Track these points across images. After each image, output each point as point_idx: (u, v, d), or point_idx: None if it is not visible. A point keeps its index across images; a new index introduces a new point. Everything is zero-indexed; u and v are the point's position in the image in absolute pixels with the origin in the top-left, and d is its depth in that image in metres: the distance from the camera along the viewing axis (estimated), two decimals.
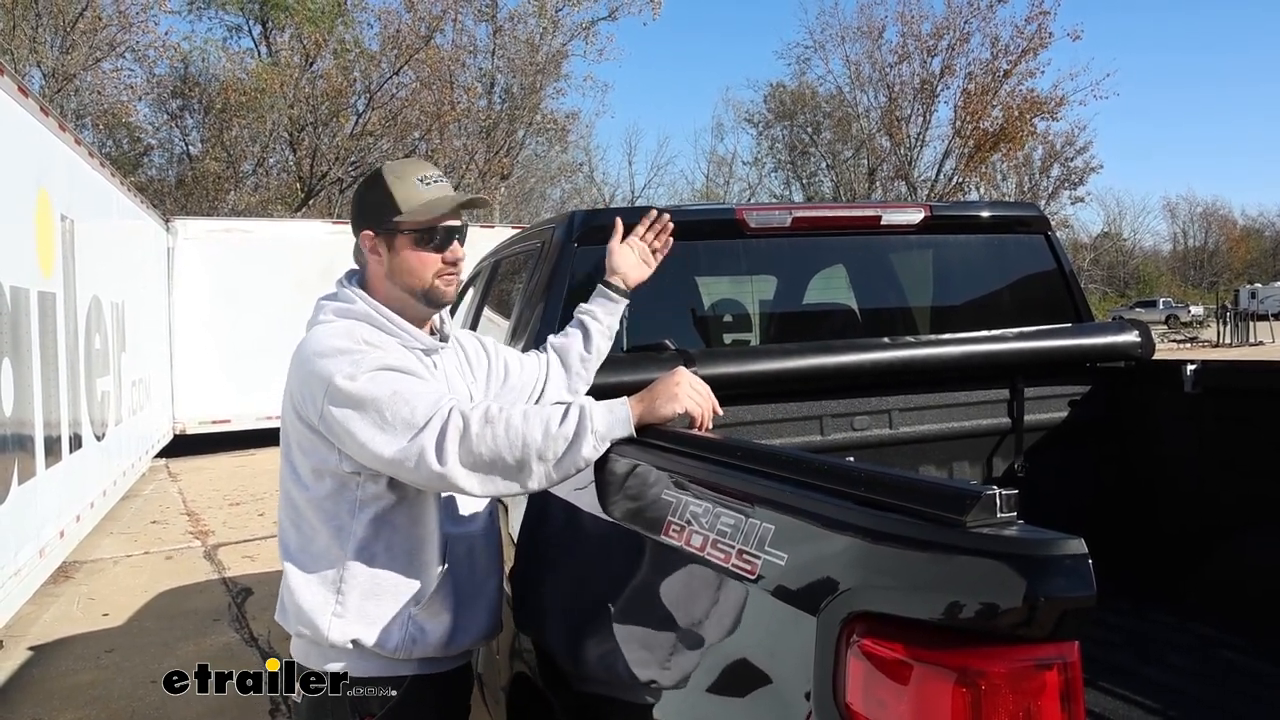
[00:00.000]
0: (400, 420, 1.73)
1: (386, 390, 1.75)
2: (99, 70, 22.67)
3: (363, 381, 1.76)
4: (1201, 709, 2.31)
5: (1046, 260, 3.37)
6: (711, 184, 42.58)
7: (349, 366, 1.77)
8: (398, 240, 1.95)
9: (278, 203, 24.00)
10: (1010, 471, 3.20)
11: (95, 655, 5.20)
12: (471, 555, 1.99)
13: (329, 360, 1.80)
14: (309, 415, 1.82)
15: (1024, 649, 1.05)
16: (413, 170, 1.98)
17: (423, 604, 1.90)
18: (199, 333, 12.46)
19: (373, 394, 1.75)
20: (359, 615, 1.87)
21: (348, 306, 1.94)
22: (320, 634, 1.87)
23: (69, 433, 6.41)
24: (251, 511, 9.11)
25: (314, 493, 1.87)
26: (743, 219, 2.99)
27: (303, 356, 1.85)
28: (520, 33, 27.92)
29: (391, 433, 1.73)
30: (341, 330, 1.87)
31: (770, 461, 1.46)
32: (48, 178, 6.11)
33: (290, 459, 1.92)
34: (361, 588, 1.87)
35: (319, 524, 1.88)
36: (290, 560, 1.93)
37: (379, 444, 1.74)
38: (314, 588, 1.88)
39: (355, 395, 1.75)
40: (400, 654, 1.89)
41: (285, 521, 1.95)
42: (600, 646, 1.78)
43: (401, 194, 1.93)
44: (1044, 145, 34.27)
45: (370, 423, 1.74)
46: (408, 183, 1.95)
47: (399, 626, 1.88)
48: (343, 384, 1.76)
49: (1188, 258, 70.48)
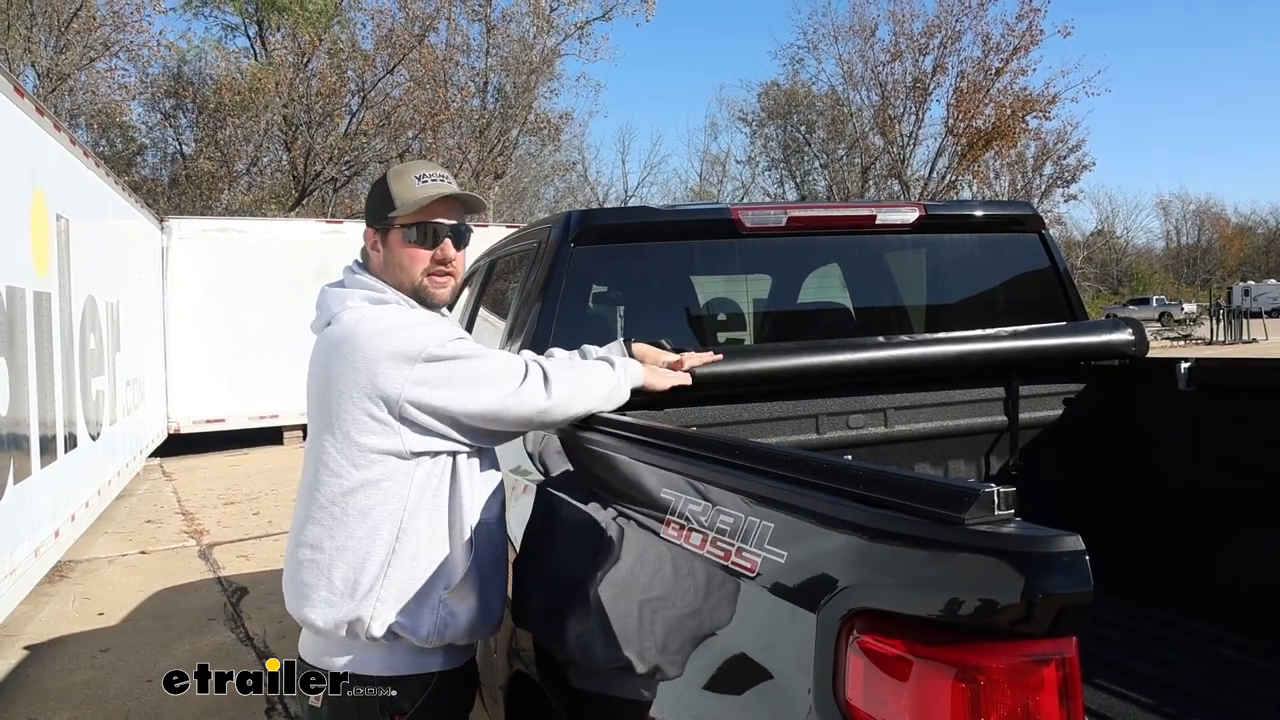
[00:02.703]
0: (501, 370, 1.93)
1: (476, 349, 1.95)
2: (93, 70, 22.59)
3: (456, 345, 1.90)
4: (1198, 705, 2.32)
5: (1040, 259, 3.39)
6: (705, 183, 42.59)
7: (438, 335, 1.89)
8: (391, 236, 2.01)
9: (272, 202, 23.93)
10: (1005, 469, 3.22)
11: (91, 654, 5.20)
12: (491, 540, 2.04)
13: (411, 333, 1.88)
14: (385, 391, 1.85)
15: (1022, 645, 1.06)
16: (413, 169, 2.02)
17: (452, 587, 1.93)
18: (193, 332, 12.43)
19: (471, 352, 1.93)
20: (396, 605, 1.89)
21: (379, 295, 2.00)
22: (363, 626, 1.87)
23: (64, 432, 6.39)
24: (246, 510, 9.09)
25: (354, 480, 1.88)
26: (738, 218, 3.00)
27: (362, 342, 1.87)
28: (514, 32, 27.90)
29: (498, 382, 1.91)
30: (403, 313, 1.97)
31: (769, 460, 1.46)
32: (43, 177, 6.09)
33: (322, 453, 1.90)
34: (403, 574, 1.90)
35: (359, 516, 1.88)
36: (322, 558, 1.90)
37: (493, 390, 1.90)
38: (352, 582, 1.87)
39: (456, 355, 1.89)
40: (432, 640, 1.92)
41: (320, 520, 1.91)
42: (598, 644, 1.78)
43: (397, 190, 1.98)
44: (1036, 143, 34.30)
45: (477, 377, 1.89)
46: (405, 180, 2.00)
47: (430, 611, 1.91)
48: (439, 350, 1.87)
49: (1181, 255, 70.67)
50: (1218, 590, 2.84)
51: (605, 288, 3.19)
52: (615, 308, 3.23)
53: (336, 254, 12.99)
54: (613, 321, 3.18)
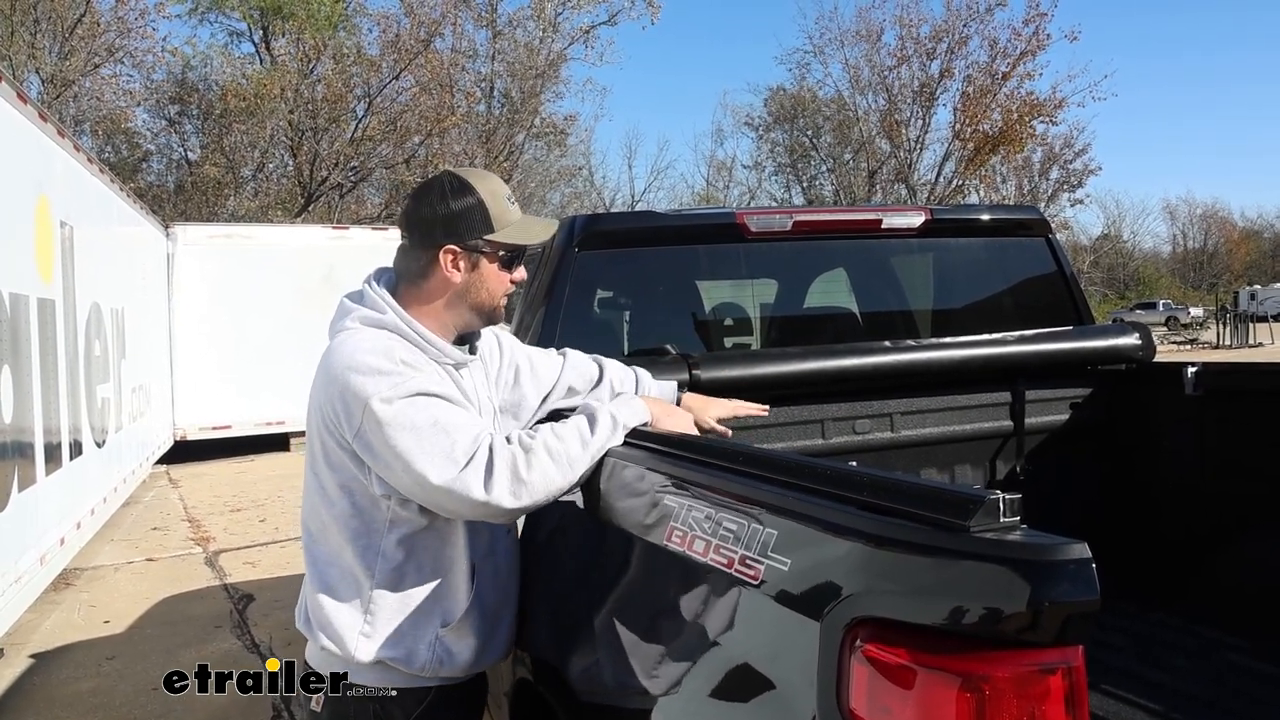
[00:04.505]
0: (440, 451, 1.70)
1: (426, 418, 1.71)
2: (97, 76, 22.71)
3: (401, 405, 1.71)
4: (1204, 709, 2.31)
5: (1047, 263, 3.38)
6: (712, 188, 42.58)
7: (387, 389, 1.71)
8: (484, 259, 1.88)
9: (277, 208, 23.98)
10: (1012, 474, 3.20)
11: (96, 662, 5.19)
12: (497, 578, 1.98)
13: (366, 379, 1.72)
14: (341, 431, 1.76)
15: (1028, 654, 1.05)
16: (500, 188, 1.91)
17: (451, 626, 1.88)
18: (199, 339, 12.44)
19: (413, 421, 1.70)
20: (387, 635, 1.84)
21: (377, 316, 1.84)
22: (348, 651, 1.84)
23: (69, 439, 6.40)
24: (253, 518, 9.10)
25: (340, 509, 1.83)
26: (743, 223, 3.00)
27: (334, 370, 1.77)
28: (520, 37, 27.98)
29: (431, 464, 1.69)
30: (380, 347, 1.78)
31: (773, 466, 1.45)
32: (47, 184, 6.11)
33: (316, 471, 1.87)
34: (391, 608, 1.84)
35: (345, 541, 1.84)
36: (318, 574, 1.89)
37: (419, 471, 1.70)
38: (342, 605, 1.85)
39: (395, 420, 1.70)
40: (426, 673, 1.88)
41: (313, 531, 1.91)
42: (602, 652, 1.77)
43: (496, 211, 1.87)
44: (1043, 148, 34.28)
45: (409, 450, 1.69)
46: (500, 202, 1.88)
47: (426, 647, 1.87)
48: (380, 408, 1.70)
49: (1187, 259, 70.49)
50: (1224, 595, 2.83)
51: (610, 293, 3.18)
52: (620, 313, 3.22)
53: (343, 260, 13.11)
54: (618, 326, 3.17)
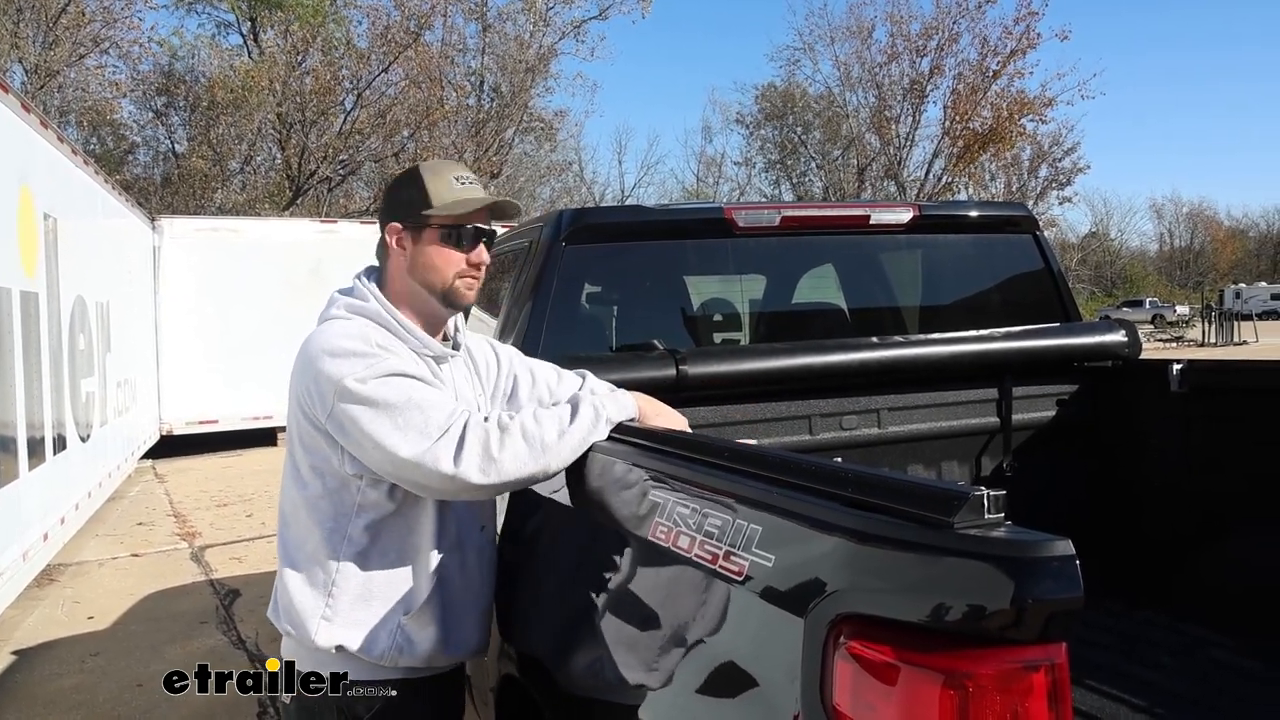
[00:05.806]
0: (413, 427, 1.72)
1: (400, 396, 1.74)
2: (83, 66, 22.50)
3: (375, 385, 1.74)
4: (1188, 706, 2.32)
5: (1035, 260, 3.38)
6: (701, 184, 42.61)
7: (361, 369, 1.75)
8: (424, 235, 1.93)
9: (265, 201, 23.87)
10: (998, 470, 3.21)
11: (80, 659, 5.16)
12: (465, 569, 1.97)
13: (340, 361, 1.77)
14: (315, 413, 1.80)
15: (1012, 651, 1.04)
16: (449, 169, 1.97)
17: (412, 614, 1.88)
18: (185, 333, 12.37)
19: (386, 398, 1.73)
20: (347, 620, 1.85)
21: (360, 304, 1.91)
22: (307, 636, 1.85)
23: (53, 434, 6.35)
24: (239, 513, 9.06)
25: (311, 491, 1.86)
26: (731, 218, 2.99)
27: (311, 353, 1.82)
28: (510, 30, 27.91)
29: (404, 438, 1.71)
30: (355, 330, 1.84)
31: (758, 462, 1.45)
32: (30, 176, 6.05)
33: (293, 453, 1.90)
34: (353, 592, 1.85)
35: (313, 524, 1.86)
36: (285, 557, 1.91)
37: (391, 448, 1.71)
38: (305, 589, 1.86)
39: (368, 398, 1.73)
40: (386, 661, 1.88)
41: (286, 515, 1.93)
42: (587, 648, 1.77)
43: (434, 189, 1.92)
44: (1032, 146, 34.40)
45: (382, 427, 1.72)
46: (442, 179, 1.94)
47: (386, 634, 1.87)
48: (354, 386, 1.73)
49: (1174, 258, 70.98)
50: (1209, 592, 2.84)
51: (598, 287, 3.17)
52: (608, 307, 3.22)
53: (331, 254, 13.05)
54: (606, 321, 3.16)
